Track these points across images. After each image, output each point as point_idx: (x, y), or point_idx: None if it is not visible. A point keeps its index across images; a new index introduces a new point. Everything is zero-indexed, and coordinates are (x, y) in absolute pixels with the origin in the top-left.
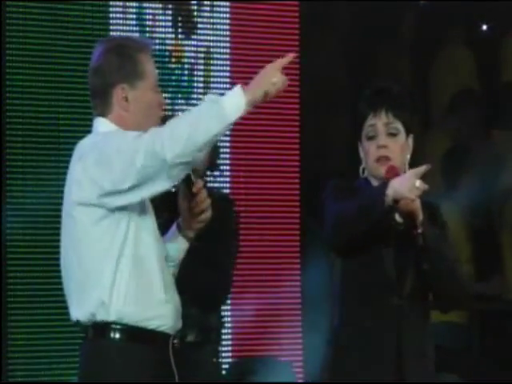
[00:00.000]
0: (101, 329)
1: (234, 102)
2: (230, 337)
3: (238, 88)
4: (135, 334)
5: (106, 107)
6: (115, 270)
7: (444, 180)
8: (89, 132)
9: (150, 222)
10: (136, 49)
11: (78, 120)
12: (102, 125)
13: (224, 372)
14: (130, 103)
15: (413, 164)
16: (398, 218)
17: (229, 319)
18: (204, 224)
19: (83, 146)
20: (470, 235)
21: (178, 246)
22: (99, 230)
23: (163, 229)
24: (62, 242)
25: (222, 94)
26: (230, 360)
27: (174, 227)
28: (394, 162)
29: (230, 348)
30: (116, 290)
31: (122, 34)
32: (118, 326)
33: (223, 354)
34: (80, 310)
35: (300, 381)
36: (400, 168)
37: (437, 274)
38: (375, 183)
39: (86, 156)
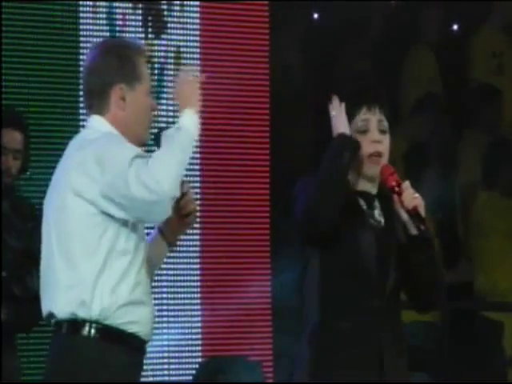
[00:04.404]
0: (77, 325)
1: (190, 122)
2: (200, 336)
3: (186, 110)
4: (111, 334)
5: (102, 107)
6: (102, 269)
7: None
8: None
9: (140, 225)
10: (134, 51)
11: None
12: (98, 123)
13: (194, 371)
14: (126, 104)
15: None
16: (403, 214)
17: (199, 319)
18: (189, 227)
19: (81, 139)
20: (436, 231)
21: (160, 252)
22: (91, 225)
23: None
24: (46, 230)
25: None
26: (200, 359)
27: (155, 232)
28: (385, 159)
29: (200, 348)
30: (100, 289)
31: (91, 33)
32: (95, 325)
33: (193, 354)
34: (57, 305)
35: (270, 381)
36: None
37: (432, 266)
38: (353, 181)
39: (88, 149)
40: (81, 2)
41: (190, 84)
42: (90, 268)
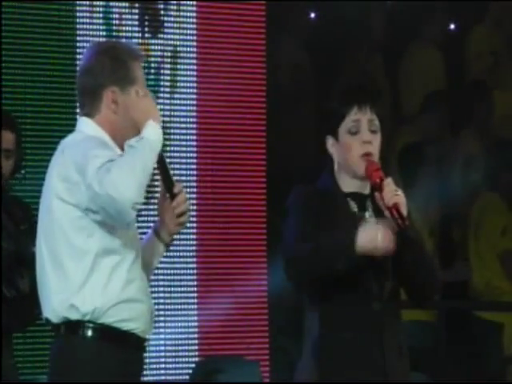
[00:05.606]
0: (73, 326)
1: (153, 132)
2: (196, 335)
3: (148, 122)
4: (108, 334)
5: (94, 108)
6: (91, 271)
7: (410, 178)
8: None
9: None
10: (129, 55)
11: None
12: (85, 125)
13: (191, 371)
14: (119, 107)
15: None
16: (385, 211)
17: (196, 318)
18: (182, 227)
19: (67, 141)
20: (433, 229)
21: (155, 251)
22: (77, 228)
23: None
24: (38, 232)
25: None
26: (196, 359)
27: (150, 233)
28: (375, 159)
29: (196, 347)
30: (90, 290)
31: (88, 33)
32: (91, 325)
33: (190, 353)
34: (49, 310)
35: (266, 380)
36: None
37: (419, 264)
38: (346, 182)
39: (67, 154)
40: (78, 2)
41: (145, 98)
42: (78, 271)
